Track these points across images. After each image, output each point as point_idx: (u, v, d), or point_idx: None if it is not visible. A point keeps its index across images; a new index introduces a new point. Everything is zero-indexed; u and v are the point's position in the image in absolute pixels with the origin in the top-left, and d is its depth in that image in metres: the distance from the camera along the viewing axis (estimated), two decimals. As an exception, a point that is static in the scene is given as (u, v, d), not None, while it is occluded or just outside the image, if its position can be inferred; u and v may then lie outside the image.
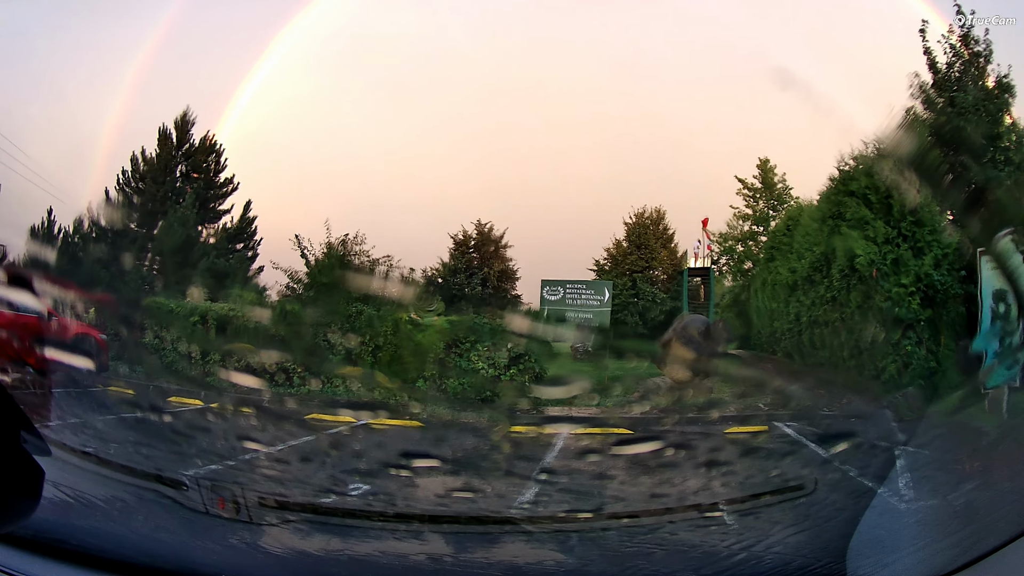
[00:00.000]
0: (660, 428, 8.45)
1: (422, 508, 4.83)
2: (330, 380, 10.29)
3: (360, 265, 10.92)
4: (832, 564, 1.76)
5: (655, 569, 1.97)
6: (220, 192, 21.61)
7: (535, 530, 2.37)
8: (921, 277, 9.76)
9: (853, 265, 10.79)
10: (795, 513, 3.35)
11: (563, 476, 5.94)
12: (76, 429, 7.13)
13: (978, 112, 11.07)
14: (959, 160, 11.06)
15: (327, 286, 10.58)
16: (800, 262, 14.07)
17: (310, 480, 5.77)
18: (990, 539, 1.50)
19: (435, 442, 7.58)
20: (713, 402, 9.99)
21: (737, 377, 15.30)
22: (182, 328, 11.46)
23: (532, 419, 8.79)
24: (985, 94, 11.26)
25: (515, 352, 9.72)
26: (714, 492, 5.35)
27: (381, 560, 1.99)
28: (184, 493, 2.30)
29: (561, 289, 11.42)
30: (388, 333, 9.99)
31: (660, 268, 25.09)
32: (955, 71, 11.69)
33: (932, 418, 8.34)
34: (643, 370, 15.10)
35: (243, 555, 1.89)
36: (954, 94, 11.42)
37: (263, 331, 10.75)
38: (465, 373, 9.72)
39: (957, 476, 5.30)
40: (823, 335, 12.88)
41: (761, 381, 13.93)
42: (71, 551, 1.64)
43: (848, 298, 11.47)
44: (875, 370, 10.61)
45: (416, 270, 12.52)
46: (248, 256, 20.99)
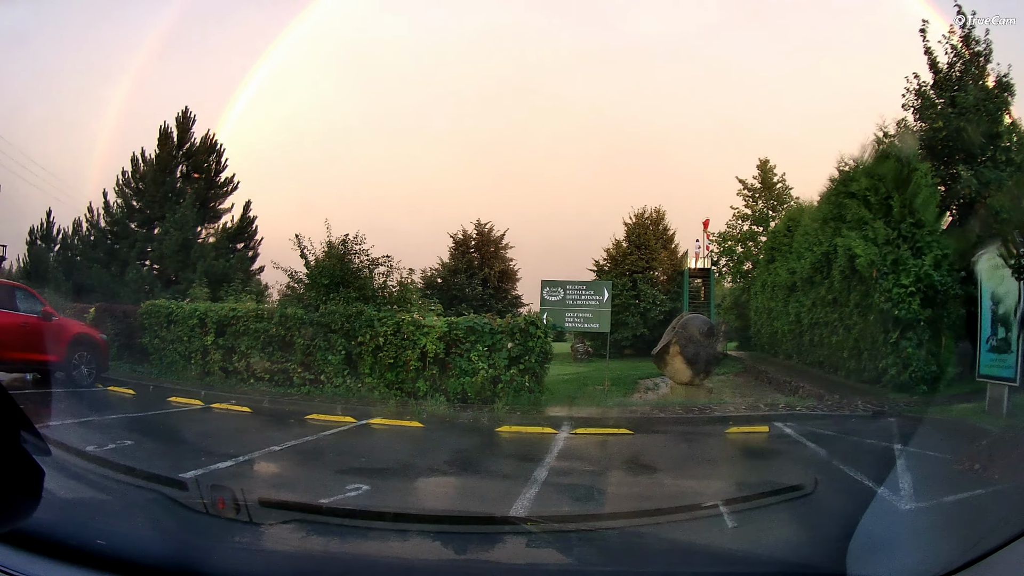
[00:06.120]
0: (660, 428, 8.45)
1: (422, 508, 4.84)
2: (330, 380, 10.30)
3: (360, 265, 10.91)
4: (831, 564, 1.76)
5: (655, 569, 1.97)
6: (220, 192, 21.62)
7: (535, 530, 2.37)
8: (921, 277, 9.76)
9: (853, 266, 10.80)
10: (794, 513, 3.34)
11: (563, 476, 5.95)
12: (76, 429, 7.14)
13: (979, 112, 11.08)
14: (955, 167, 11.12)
15: (327, 286, 10.56)
16: (800, 263, 14.08)
17: (310, 480, 5.78)
18: (990, 539, 1.50)
19: (435, 442, 7.58)
20: (713, 402, 10.00)
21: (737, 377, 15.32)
22: (182, 329, 11.48)
23: (532, 419, 8.79)
24: (985, 94, 11.27)
25: (515, 352, 9.72)
26: (714, 492, 5.36)
27: (381, 560, 1.99)
28: (184, 493, 2.30)
29: (561, 289, 11.42)
30: (388, 333, 9.99)
31: (660, 268, 25.09)
32: (956, 71, 11.70)
33: (932, 418, 8.36)
34: (643, 370, 15.13)
35: (243, 555, 1.89)
36: (955, 94, 11.43)
37: (263, 331, 10.76)
38: (465, 373, 9.72)
39: (957, 476, 5.31)
40: (823, 335, 12.89)
41: (761, 381, 13.94)
42: (71, 551, 1.64)
43: (848, 299, 11.48)
44: (875, 370, 10.62)
45: (416, 270, 12.50)
46: (248, 256, 21.02)
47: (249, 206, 21.38)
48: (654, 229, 25.68)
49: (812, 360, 13.88)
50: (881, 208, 10.78)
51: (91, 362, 10.32)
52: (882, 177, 10.90)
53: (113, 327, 12.34)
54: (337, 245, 10.85)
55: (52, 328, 9.63)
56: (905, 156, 10.88)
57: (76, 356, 10.08)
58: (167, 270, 19.33)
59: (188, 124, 21.33)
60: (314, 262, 10.87)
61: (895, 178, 10.61)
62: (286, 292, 11.41)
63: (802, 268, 13.84)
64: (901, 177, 10.57)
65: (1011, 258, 7.47)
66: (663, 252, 25.34)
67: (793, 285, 14.76)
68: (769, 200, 25.46)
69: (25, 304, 9.62)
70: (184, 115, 21.34)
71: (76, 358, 10.08)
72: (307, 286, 10.88)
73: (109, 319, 12.66)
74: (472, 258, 26.28)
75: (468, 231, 26.81)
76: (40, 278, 18.03)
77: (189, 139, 21.34)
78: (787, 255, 15.84)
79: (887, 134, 11.97)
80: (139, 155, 20.96)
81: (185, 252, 18.93)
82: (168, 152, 20.95)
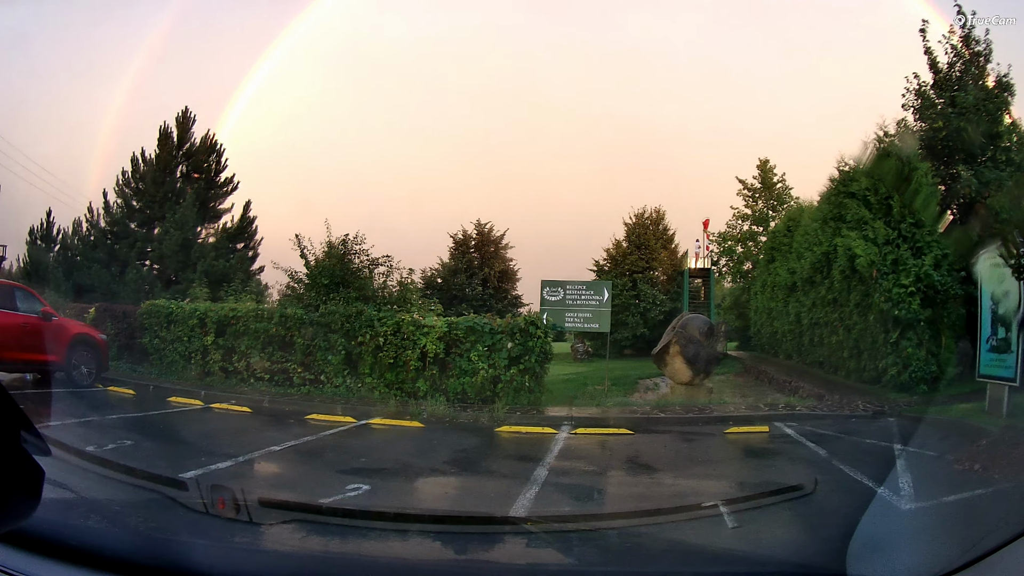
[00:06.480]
0: (660, 428, 8.45)
1: (422, 508, 4.84)
2: (330, 380, 10.31)
3: (360, 265, 10.91)
4: (831, 564, 1.76)
5: (655, 569, 1.97)
6: (220, 192, 21.62)
7: (535, 530, 2.37)
8: (921, 277, 9.76)
9: (853, 266, 10.80)
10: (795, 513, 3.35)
11: (563, 476, 5.95)
12: (76, 429, 7.14)
13: (979, 112, 11.08)
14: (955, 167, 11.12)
15: (327, 286, 10.56)
16: (800, 263, 14.07)
17: (310, 480, 5.78)
18: (990, 539, 1.50)
19: (435, 442, 7.58)
20: (713, 402, 10.00)
21: (737, 377, 15.32)
22: (182, 329, 11.47)
23: (532, 419, 8.79)
24: (985, 94, 11.27)
25: (515, 352, 9.72)
26: (714, 492, 5.36)
27: (381, 560, 1.99)
28: (184, 493, 2.30)
29: (561, 289, 11.42)
30: (388, 333, 9.99)
31: (660, 268, 25.08)
32: (956, 71, 11.70)
33: (932, 418, 8.36)
34: (643, 370, 15.13)
35: (243, 555, 1.89)
36: (955, 94, 11.43)
37: (263, 331, 10.76)
38: (465, 373, 9.73)
39: (957, 476, 5.31)
40: (823, 335, 12.89)
41: (761, 381, 13.93)
42: (71, 551, 1.64)
43: (848, 299, 11.48)
44: (875, 370, 10.62)
45: (416, 270, 12.50)
46: (248, 256, 21.01)
47: (249, 206, 21.39)
48: (654, 229, 25.67)
49: (812, 360, 13.88)
50: (881, 208, 10.78)
51: (91, 362, 10.32)
52: (882, 177, 10.91)
53: (113, 327, 12.34)
54: (337, 245, 10.86)
55: (52, 328, 9.63)
56: (905, 156, 10.89)
57: (76, 356, 10.08)
58: (167, 270, 19.32)
59: (188, 124, 21.33)
60: (314, 262, 10.88)
61: (895, 178, 10.62)
62: (286, 292, 11.42)
63: (802, 268, 13.84)
64: (901, 177, 10.58)
65: (1011, 258, 7.47)
66: (663, 252, 25.34)
67: (793, 285, 14.75)
68: (769, 200, 25.47)
69: (25, 304, 9.62)
70: (184, 115, 21.34)
71: (76, 358, 10.08)
72: (307, 286, 10.88)
73: (109, 319, 12.66)
74: (472, 258, 26.28)
75: (468, 231, 26.82)
76: (40, 278, 18.03)
77: (189, 139, 21.33)
78: (787, 255, 15.84)
79: (887, 134, 11.97)
80: (139, 155, 20.96)
81: (185, 252, 18.92)
82: (168, 152, 20.94)
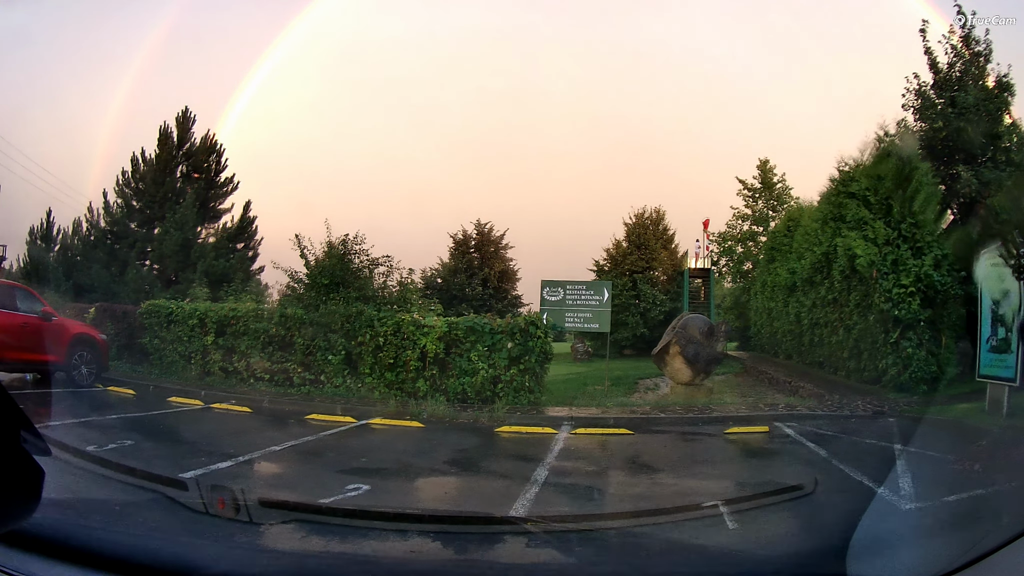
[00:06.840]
0: (660, 428, 8.45)
1: (422, 508, 4.84)
2: (330, 380, 10.30)
3: (360, 265, 10.91)
4: (831, 564, 1.76)
5: (655, 569, 1.96)
6: (220, 192, 21.63)
7: (535, 530, 2.36)
8: (921, 278, 9.76)
9: (853, 266, 10.79)
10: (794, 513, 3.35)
11: (563, 476, 5.94)
12: (76, 429, 7.13)
13: (979, 112, 11.08)
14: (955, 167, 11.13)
15: (327, 286, 10.56)
16: (800, 263, 14.07)
17: (310, 480, 5.78)
18: (990, 539, 1.50)
19: (435, 442, 7.58)
20: (713, 402, 10.00)
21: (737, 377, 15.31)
22: (182, 329, 11.48)
23: (532, 419, 8.79)
24: (985, 94, 11.27)
25: (515, 352, 9.72)
26: (714, 492, 5.36)
27: (382, 560, 1.99)
28: (184, 493, 2.30)
29: (561, 289, 11.42)
30: (388, 333, 9.99)
31: (660, 268, 25.09)
32: (956, 71, 11.70)
33: (932, 418, 8.36)
34: (643, 370, 15.13)
35: (243, 555, 1.89)
36: (955, 94, 11.43)
37: (263, 331, 10.76)
38: (465, 373, 9.72)
39: (957, 476, 5.31)
40: (823, 335, 12.89)
41: (761, 381, 13.93)
42: (71, 551, 1.64)
43: (848, 299, 11.48)
44: (875, 370, 10.62)
45: (416, 270, 12.50)
46: (248, 256, 21.02)
47: (249, 206, 21.42)
48: (654, 229, 25.68)
49: (812, 360, 13.88)
50: (881, 208, 10.78)
51: (91, 362, 10.32)
52: (882, 177, 10.91)
53: (113, 327, 12.34)
54: (337, 245, 10.85)
55: (52, 328, 9.63)
56: (905, 156, 10.89)
57: (76, 356, 10.08)
58: (167, 270, 19.33)
59: (188, 124, 21.34)
60: (314, 262, 10.87)
61: (895, 178, 10.63)
62: (286, 292, 11.42)
63: (802, 268, 13.84)
64: (901, 177, 10.59)
65: (1011, 258, 7.47)
66: (663, 252, 25.35)
67: (793, 285, 14.75)
68: (769, 200, 25.48)
69: (25, 304, 9.62)
70: (184, 115, 21.35)
71: (76, 358, 10.08)
72: (307, 286, 10.87)
73: (109, 319, 12.66)
74: (472, 258, 26.28)
75: (468, 231, 26.84)
76: (40, 278, 18.04)
77: (189, 139, 21.34)
78: (787, 255, 15.84)
79: (887, 134, 11.98)
80: (139, 155, 20.98)
81: (185, 252, 18.93)
82: (168, 152, 20.95)
